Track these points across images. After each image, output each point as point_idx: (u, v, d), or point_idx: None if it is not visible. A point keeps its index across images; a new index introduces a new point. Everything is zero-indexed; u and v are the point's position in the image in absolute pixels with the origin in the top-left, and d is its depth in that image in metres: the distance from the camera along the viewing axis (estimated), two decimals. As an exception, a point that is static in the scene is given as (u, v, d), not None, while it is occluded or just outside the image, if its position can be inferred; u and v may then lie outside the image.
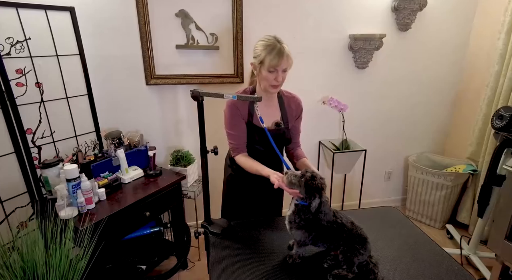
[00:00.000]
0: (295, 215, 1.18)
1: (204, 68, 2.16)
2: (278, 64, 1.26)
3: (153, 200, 1.75)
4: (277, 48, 1.26)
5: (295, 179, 1.12)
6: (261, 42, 1.30)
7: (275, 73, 1.28)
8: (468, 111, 2.60)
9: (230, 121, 1.39)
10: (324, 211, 1.12)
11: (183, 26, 2.03)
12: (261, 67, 1.29)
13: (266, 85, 1.32)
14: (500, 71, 2.18)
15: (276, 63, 1.25)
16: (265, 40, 1.30)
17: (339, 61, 2.38)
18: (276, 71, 1.27)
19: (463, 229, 2.53)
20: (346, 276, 1.14)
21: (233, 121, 1.38)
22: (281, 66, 1.27)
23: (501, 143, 1.88)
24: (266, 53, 1.26)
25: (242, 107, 1.38)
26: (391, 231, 1.46)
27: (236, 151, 1.42)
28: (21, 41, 1.56)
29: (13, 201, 1.63)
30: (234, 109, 1.37)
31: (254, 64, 1.33)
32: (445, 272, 1.20)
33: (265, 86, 1.33)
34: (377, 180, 2.85)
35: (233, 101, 1.33)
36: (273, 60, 1.25)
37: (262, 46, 1.28)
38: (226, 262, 1.25)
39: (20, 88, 1.59)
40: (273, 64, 1.26)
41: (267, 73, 1.28)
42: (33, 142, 1.68)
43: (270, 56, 1.25)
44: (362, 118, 2.58)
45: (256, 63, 1.31)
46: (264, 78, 1.30)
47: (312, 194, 1.09)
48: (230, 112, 1.38)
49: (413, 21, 2.33)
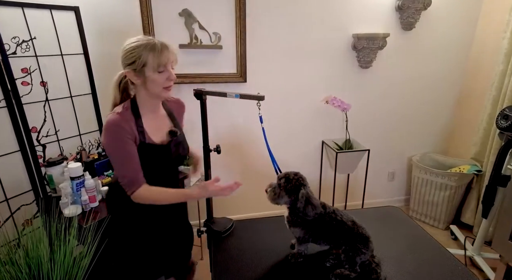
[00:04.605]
0: (290, 214, 1.20)
1: (207, 68, 2.17)
2: (168, 59, 1.10)
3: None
4: (157, 43, 1.09)
5: (276, 191, 1.14)
6: (132, 44, 1.09)
7: (166, 72, 1.11)
8: (473, 111, 2.58)
9: (118, 147, 1.08)
10: (311, 204, 1.14)
11: (186, 25, 2.04)
12: (145, 71, 1.08)
13: (158, 90, 1.12)
14: (506, 71, 2.16)
15: (165, 58, 1.09)
16: (135, 41, 1.09)
17: (342, 61, 2.37)
18: (166, 68, 1.11)
19: (467, 230, 2.51)
20: (349, 275, 1.14)
21: (121, 145, 1.08)
22: (170, 60, 1.11)
23: (506, 143, 1.87)
24: (147, 53, 1.06)
25: (127, 124, 1.10)
26: (394, 231, 1.46)
27: (136, 184, 1.11)
28: (27, 41, 1.58)
29: (18, 199, 1.65)
30: (118, 130, 1.07)
31: (131, 73, 1.10)
32: (449, 273, 1.19)
33: (156, 92, 1.13)
34: (381, 180, 2.84)
35: (114, 120, 1.08)
36: (161, 57, 1.07)
37: (138, 47, 1.07)
38: (228, 261, 1.26)
39: (25, 87, 1.60)
40: (163, 61, 1.08)
41: (156, 75, 1.09)
42: (38, 141, 1.69)
43: (154, 53, 1.07)
44: (365, 118, 2.57)
45: (135, 69, 1.09)
46: (153, 82, 1.10)
47: (294, 195, 1.13)
48: (114, 135, 1.07)
49: (417, 21, 2.32)
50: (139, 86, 1.14)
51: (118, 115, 1.09)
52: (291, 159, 2.53)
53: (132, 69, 1.09)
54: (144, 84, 1.12)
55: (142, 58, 1.07)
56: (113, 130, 1.07)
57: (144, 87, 1.13)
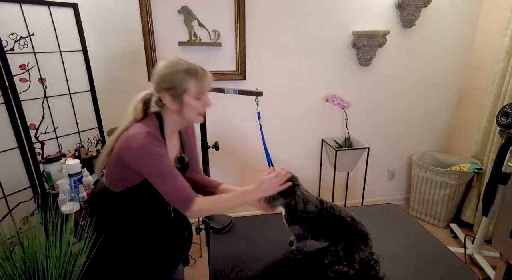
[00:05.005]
0: (287, 213, 1.19)
1: (206, 65, 2.08)
2: (209, 86, 1.08)
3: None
4: (198, 69, 1.06)
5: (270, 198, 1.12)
6: (172, 68, 1.04)
7: (203, 98, 1.08)
8: (473, 109, 2.56)
9: (161, 164, 1.01)
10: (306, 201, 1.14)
11: (185, 22, 2.03)
12: (184, 97, 1.04)
13: (193, 116, 1.09)
14: (506, 68, 2.15)
15: (208, 85, 1.07)
16: (175, 65, 1.04)
17: (342, 58, 2.36)
18: (205, 95, 1.08)
19: (467, 228, 2.50)
20: (347, 272, 1.13)
21: (165, 162, 1.02)
22: (210, 86, 1.09)
23: (507, 141, 1.86)
24: (189, 79, 1.03)
25: (161, 143, 1.06)
26: (393, 228, 1.45)
27: (190, 200, 1.05)
28: (25, 37, 1.58)
29: (16, 196, 1.65)
30: (156, 148, 1.01)
31: (167, 97, 1.03)
32: (448, 270, 1.18)
33: (190, 118, 1.09)
34: (381, 179, 2.83)
35: (149, 140, 1.00)
36: (203, 83, 1.05)
37: (178, 72, 1.03)
38: (226, 258, 1.25)
39: (23, 83, 1.60)
40: (205, 88, 1.06)
41: (194, 102, 1.05)
42: (36, 138, 1.69)
43: (197, 79, 1.03)
44: (365, 116, 2.56)
45: (174, 95, 1.03)
46: (191, 109, 1.06)
47: (289, 196, 1.13)
48: (155, 153, 1.00)
49: (417, 18, 2.31)
50: (170, 110, 1.07)
51: (150, 135, 1.01)
52: (291, 157, 2.52)
53: (170, 94, 1.03)
54: (180, 110, 1.06)
55: (183, 84, 1.02)
56: (151, 149, 1.00)
57: (177, 113, 1.07)
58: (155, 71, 1.07)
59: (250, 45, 2.17)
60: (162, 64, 1.07)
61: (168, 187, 1.03)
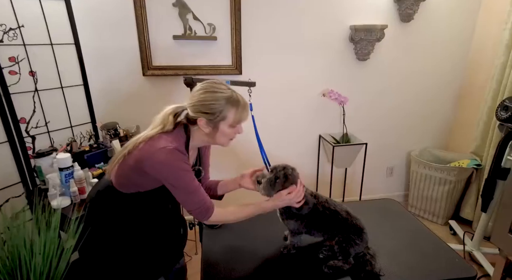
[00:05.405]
0: (284, 207, 1.17)
1: (202, 59, 2.13)
2: (246, 117, 1.09)
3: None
4: (240, 99, 1.06)
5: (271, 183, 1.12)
6: (214, 94, 1.03)
7: (237, 127, 1.10)
8: (473, 105, 2.53)
9: (188, 179, 1.03)
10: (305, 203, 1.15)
11: (180, 16, 2.00)
12: (220, 124, 1.05)
13: (223, 141, 1.10)
14: (506, 62, 2.12)
15: (246, 117, 1.09)
16: (218, 90, 1.04)
17: (339, 53, 2.33)
18: (239, 124, 1.10)
19: (466, 225, 2.47)
20: (342, 267, 1.10)
21: (191, 177, 1.04)
22: (247, 118, 1.10)
23: (506, 135, 1.82)
24: (229, 108, 1.03)
25: (186, 157, 1.05)
26: (391, 223, 1.43)
27: (210, 210, 1.07)
28: (14, 29, 1.54)
29: (7, 191, 1.61)
30: (183, 163, 1.02)
31: (203, 121, 1.03)
32: (446, 265, 1.16)
33: (220, 142, 1.10)
34: (379, 176, 2.80)
35: (177, 154, 1.00)
36: (242, 115, 1.07)
37: (220, 100, 1.03)
38: (219, 253, 1.23)
39: (13, 76, 1.57)
40: (243, 119, 1.08)
41: (229, 130, 1.07)
42: (27, 132, 1.66)
43: (237, 110, 1.05)
44: (363, 112, 2.53)
45: (212, 120, 1.03)
46: (223, 135, 1.08)
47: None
48: (182, 167, 1.01)
49: (415, 12, 2.27)
50: (201, 130, 1.07)
51: (177, 150, 1.00)
52: (288, 153, 2.49)
53: (206, 118, 1.03)
54: (212, 134, 1.07)
55: (223, 112, 1.03)
56: (177, 165, 1.00)
57: (208, 135, 1.08)
58: (194, 92, 1.07)
59: (246, 39, 2.14)
60: (203, 87, 1.06)
61: (190, 199, 1.04)
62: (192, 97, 1.06)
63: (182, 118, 1.11)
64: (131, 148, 1.04)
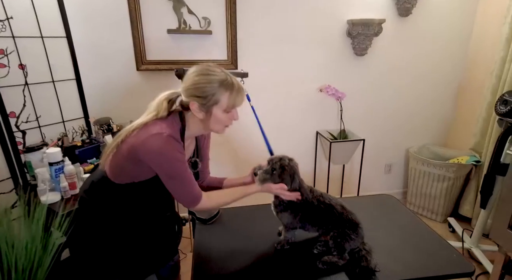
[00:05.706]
0: (278, 199, 1.15)
1: (196, 54, 2.10)
2: (241, 102, 1.04)
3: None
4: (234, 83, 1.01)
5: (267, 175, 1.10)
6: (206, 77, 0.99)
7: (232, 112, 1.05)
8: (472, 101, 2.50)
9: (181, 169, 1.00)
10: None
11: (174, 9, 1.97)
12: (213, 109, 1.01)
13: (218, 127, 1.06)
14: (506, 57, 2.09)
15: (241, 101, 1.04)
16: (211, 73, 1.00)
17: (337, 48, 2.29)
18: (234, 109, 1.06)
19: (465, 222, 2.44)
20: (337, 262, 1.07)
21: (185, 167, 1.01)
22: (242, 103, 1.05)
23: (505, 130, 1.80)
24: (223, 91, 0.99)
25: (181, 146, 1.02)
26: (388, 219, 1.40)
27: (198, 199, 1.05)
28: (3, 20, 1.51)
29: (-3, 187, 1.58)
30: (178, 152, 0.99)
31: (196, 105, 0.99)
32: (443, 260, 1.13)
33: (214, 128, 1.06)
34: (377, 173, 2.77)
35: (172, 143, 0.97)
36: (237, 99, 1.02)
37: (213, 83, 0.98)
38: (210, 248, 1.20)
39: (2, 69, 1.53)
40: (238, 103, 1.03)
41: (223, 115, 1.02)
42: (17, 126, 1.62)
43: (231, 94, 1.00)
44: (361, 108, 2.50)
45: (204, 104, 0.99)
46: (217, 120, 1.03)
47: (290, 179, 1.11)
48: (176, 157, 0.98)
49: (414, 6, 2.24)
50: (195, 116, 1.03)
51: (171, 137, 0.97)
52: (284, 150, 2.43)
53: (199, 103, 0.99)
54: (205, 120, 1.03)
55: (216, 96, 0.98)
56: (171, 154, 0.97)
57: (202, 121, 1.04)
58: (188, 75, 1.02)
59: (241, 34, 2.11)
60: (197, 70, 1.02)
61: (180, 188, 1.03)
62: (186, 80, 1.02)
63: (177, 105, 1.08)
64: (124, 137, 1.00)
